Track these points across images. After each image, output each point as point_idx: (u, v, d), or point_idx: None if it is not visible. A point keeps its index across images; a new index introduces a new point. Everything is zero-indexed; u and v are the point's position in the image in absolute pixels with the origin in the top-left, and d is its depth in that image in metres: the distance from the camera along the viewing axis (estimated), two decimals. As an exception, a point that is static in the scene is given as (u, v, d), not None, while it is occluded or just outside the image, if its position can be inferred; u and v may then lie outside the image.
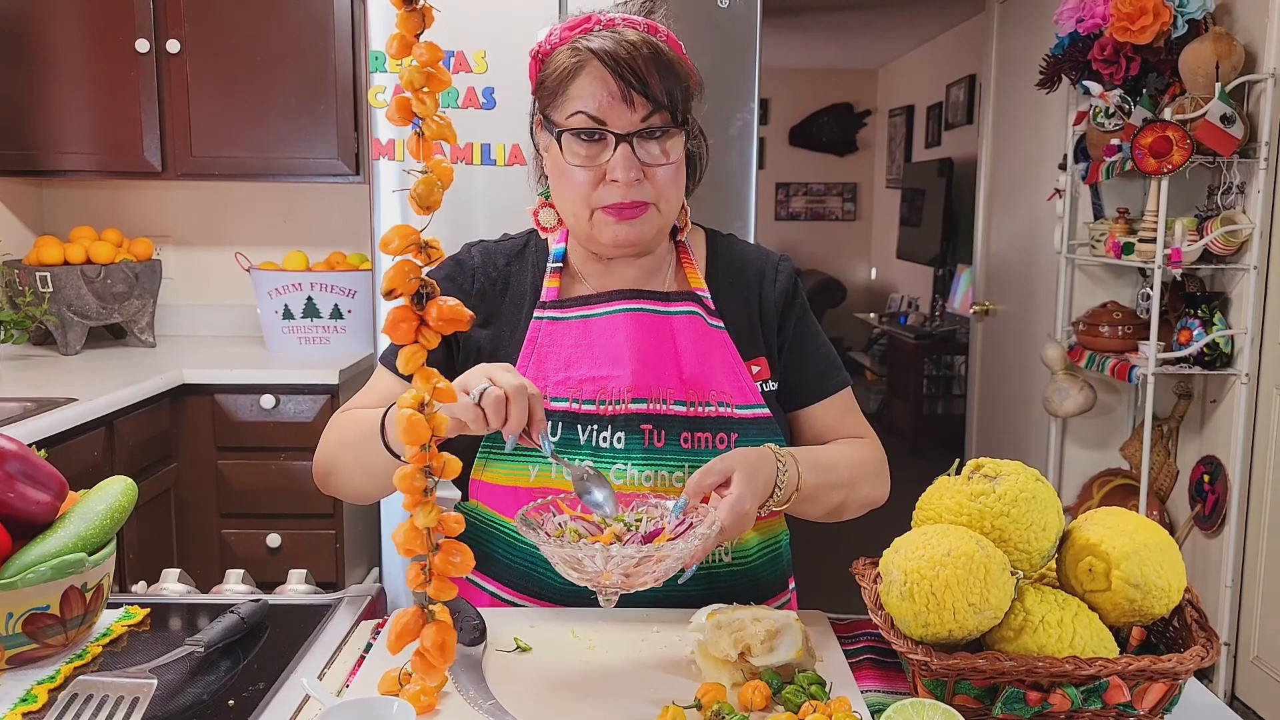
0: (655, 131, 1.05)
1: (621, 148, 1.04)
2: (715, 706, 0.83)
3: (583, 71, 1.04)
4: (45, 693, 0.86)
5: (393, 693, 0.84)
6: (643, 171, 1.05)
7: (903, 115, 6.75)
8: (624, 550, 0.87)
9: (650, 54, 1.04)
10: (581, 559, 0.87)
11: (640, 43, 1.04)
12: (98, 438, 2.14)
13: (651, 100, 1.03)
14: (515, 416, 0.89)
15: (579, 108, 1.04)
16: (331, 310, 2.75)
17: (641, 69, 1.03)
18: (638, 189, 1.05)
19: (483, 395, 0.88)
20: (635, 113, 1.03)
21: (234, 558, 2.49)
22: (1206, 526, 2.70)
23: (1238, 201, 2.54)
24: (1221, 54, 2.43)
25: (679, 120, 1.06)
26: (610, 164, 1.04)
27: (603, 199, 1.06)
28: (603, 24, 1.06)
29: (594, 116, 1.04)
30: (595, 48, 1.03)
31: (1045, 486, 0.90)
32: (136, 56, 2.62)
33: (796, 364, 1.18)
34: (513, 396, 0.88)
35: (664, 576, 0.91)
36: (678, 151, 1.08)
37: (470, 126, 2.24)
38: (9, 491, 0.91)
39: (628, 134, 1.04)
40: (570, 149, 1.06)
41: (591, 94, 1.03)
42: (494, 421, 0.89)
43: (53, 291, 2.62)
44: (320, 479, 1.14)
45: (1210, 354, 2.55)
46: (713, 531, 0.93)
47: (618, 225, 1.07)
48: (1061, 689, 0.80)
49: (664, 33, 1.08)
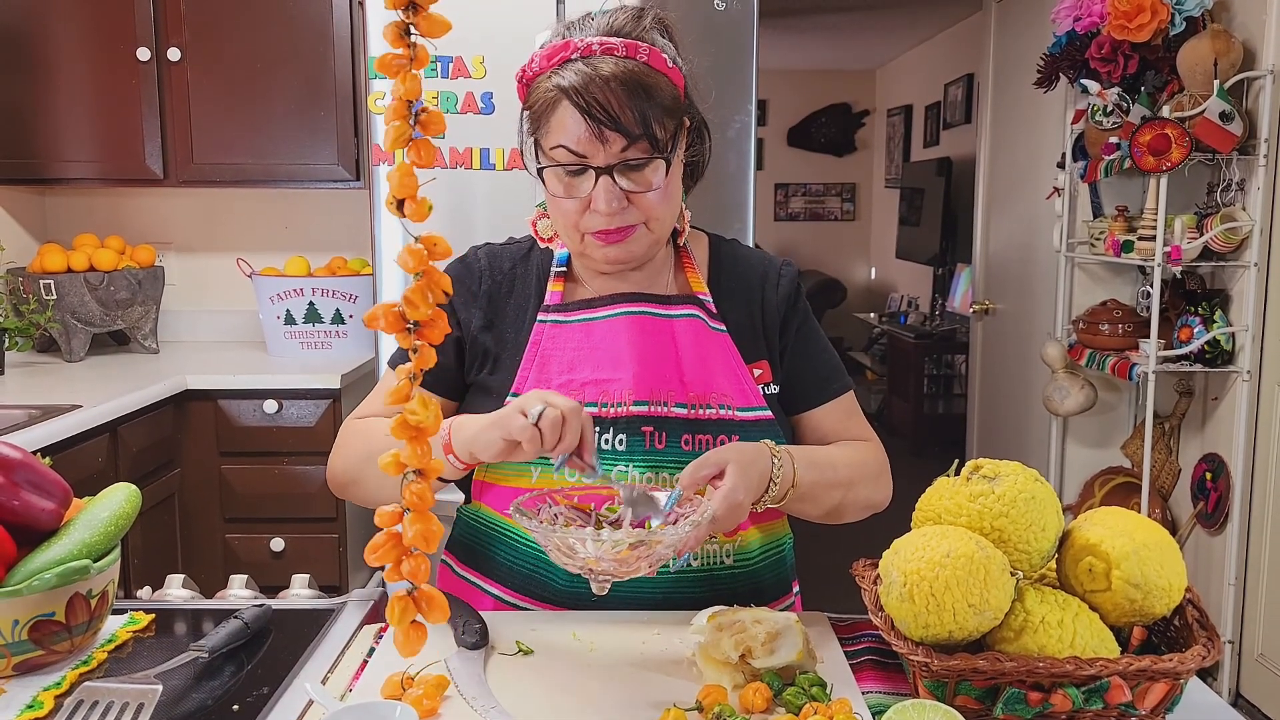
0: (635, 163, 1.04)
1: (602, 180, 1.04)
2: (716, 708, 0.83)
3: (559, 107, 1.03)
4: (51, 699, 0.86)
5: (396, 697, 0.84)
6: (626, 199, 1.05)
7: (901, 115, 6.75)
8: (615, 535, 0.88)
9: (623, 84, 1.01)
10: (573, 544, 0.88)
11: (612, 76, 1.01)
12: (102, 444, 2.15)
13: (626, 135, 1.02)
14: (569, 437, 0.93)
15: (560, 141, 1.04)
16: (333, 315, 2.75)
17: (614, 105, 1.01)
18: (622, 215, 1.06)
19: (540, 416, 0.91)
20: (612, 146, 1.03)
21: (237, 562, 2.50)
22: (1209, 524, 2.69)
23: (1237, 198, 2.54)
24: (1220, 51, 2.44)
25: (659, 147, 1.05)
26: (594, 195, 1.05)
27: (590, 225, 1.07)
28: (581, 51, 1.04)
29: (574, 151, 1.03)
30: (566, 85, 1.02)
31: (1044, 487, 0.91)
32: (138, 64, 2.63)
33: (799, 368, 1.18)
34: (569, 418, 0.92)
35: (657, 564, 0.91)
36: (661, 178, 1.06)
37: (469, 132, 2.24)
38: (14, 499, 0.91)
39: (607, 167, 1.03)
40: (554, 179, 1.06)
41: (570, 129, 1.03)
42: (549, 441, 0.92)
43: (56, 299, 2.63)
44: (338, 488, 1.14)
45: (1211, 351, 2.55)
46: (704, 519, 0.93)
47: (606, 248, 1.08)
48: (1063, 689, 0.80)
49: (645, 51, 1.05)
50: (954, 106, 5.73)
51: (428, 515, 0.76)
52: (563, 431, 0.92)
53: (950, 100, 5.80)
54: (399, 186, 0.73)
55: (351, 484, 1.13)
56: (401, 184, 0.73)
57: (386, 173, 0.62)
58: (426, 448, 0.76)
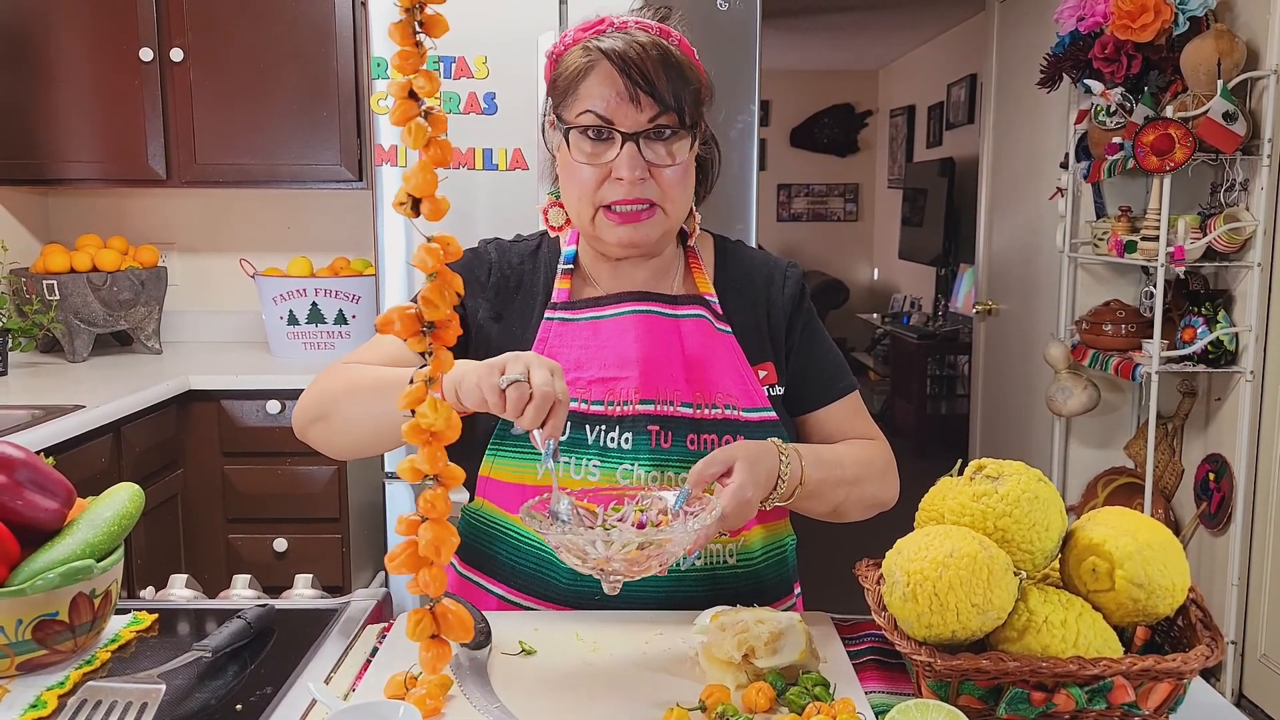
0: (662, 132, 1.06)
1: (627, 147, 1.05)
2: (719, 708, 0.83)
3: (593, 71, 1.05)
4: (55, 698, 0.86)
5: (399, 697, 0.84)
6: (648, 171, 1.06)
7: (904, 115, 6.75)
8: (625, 535, 0.87)
9: (660, 56, 1.05)
10: (584, 545, 0.88)
11: (650, 44, 1.05)
12: (105, 444, 2.15)
13: (659, 101, 1.04)
14: (530, 418, 0.89)
15: (588, 106, 1.05)
16: (336, 315, 2.76)
17: (650, 70, 1.04)
18: (642, 187, 1.06)
19: (510, 385, 0.88)
20: (642, 113, 1.04)
21: (240, 562, 2.50)
22: (1212, 525, 2.69)
23: (1241, 199, 2.53)
24: (1223, 51, 2.43)
25: (686, 123, 1.07)
26: (616, 162, 1.05)
27: (607, 196, 1.07)
28: (615, 26, 1.08)
29: (602, 115, 1.05)
30: (605, 48, 1.05)
31: (1048, 487, 0.91)
32: (140, 65, 2.64)
33: (804, 369, 1.18)
34: (536, 401, 0.88)
35: (668, 563, 0.91)
36: (684, 154, 1.08)
37: (472, 132, 2.24)
38: (18, 499, 0.91)
39: (634, 133, 1.05)
40: (577, 146, 1.07)
41: (600, 93, 1.05)
42: (510, 414, 0.89)
43: (59, 299, 2.63)
44: (302, 425, 1.11)
45: (1214, 352, 2.55)
46: (713, 518, 0.93)
47: (621, 228, 1.08)
48: (1066, 689, 0.80)
49: (676, 37, 1.09)
50: (957, 107, 5.72)
51: (443, 524, 0.76)
52: (547, 417, 0.88)
53: (953, 100, 5.80)
54: (420, 185, 0.72)
55: (318, 420, 1.09)
56: (423, 182, 0.72)
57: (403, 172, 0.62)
58: (441, 453, 0.75)
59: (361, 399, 1.06)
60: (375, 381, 1.05)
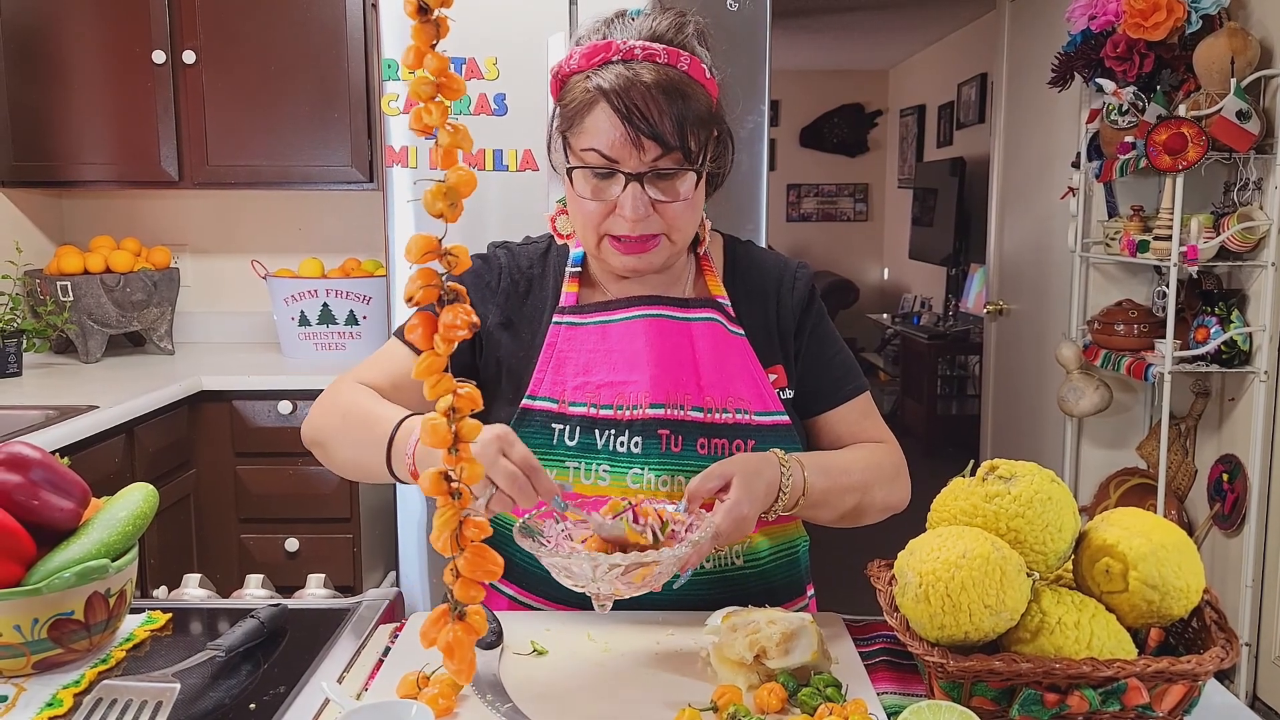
0: (666, 172, 1.04)
1: (631, 186, 1.03)
2: (731, 709, 0.83)
3: (595, 108, 1.03)
4: (70, 697, 0.87)
5: (411, 696, 0.85)
6: (652, 207, 1.04)
7: (914, 115, 6.73)
8: (610, 559, 0.87)
9: (664, 94, 1.01)
10: (571, 566, 0.88)
11: (654, 83, 1.01)
12: (118, 445, 2.16)
13: (661, 143, 1.02)
14: (524, 503, 0.90)
15: (592, 144, 1.03)
16: (347, 316, 2.77)
17: (653, 113, 1.01)
18: (646, 223, 1.05)
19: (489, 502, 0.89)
20: (646, 154, 1.02)
21: (253, 562, 2.51)
22: (1226, 526, 2.67)
23: (1254, 198, 2.52)
24: (1237, 49, 2.42)
25: (692, 159, 1.05)
26: (620, 200, 1.04)
27: (612, 228, 1.06)
28: (622, 53, 1.03)
29: (606, 155, 1.03)
30: (607, 88, 1.01)
31: (1060, 487, 0.90)
32: (153, 68, 2.65)
33: (813, 370, 1.18)
34: (515, 493, 0.89)
35: (660, 581, 0.91)
36: (690, 188, 1.06)
37: (482, 133, 2.25)
38: (34, 499, 0.92)
39: (638, 174, 1.03)
40: (582, 181, 1.06)
41: (603, 132, 1.02)
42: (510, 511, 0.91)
43: (73, 300, 2.65)
44: (306, 443, 1.14)
45: (1228, 352, 2.53)
46: (705, 536, 0.93)
47: (626, 257, 1.08)
48: (1079, 690, 0.80)
49: (686, 60, 1.05)
50: (967, 106, 5.71)
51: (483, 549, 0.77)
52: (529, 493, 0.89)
53: (964, 100, 5.78)
54: (466, 182, 0.74)
55: (319, 445, 1.12)
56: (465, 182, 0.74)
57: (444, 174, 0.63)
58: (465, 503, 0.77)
59: (349, 440, 1.07)
60: (363, 422, 1.04)
